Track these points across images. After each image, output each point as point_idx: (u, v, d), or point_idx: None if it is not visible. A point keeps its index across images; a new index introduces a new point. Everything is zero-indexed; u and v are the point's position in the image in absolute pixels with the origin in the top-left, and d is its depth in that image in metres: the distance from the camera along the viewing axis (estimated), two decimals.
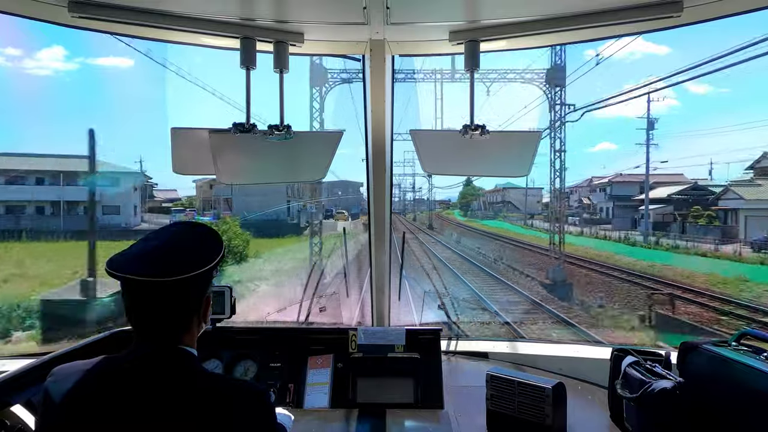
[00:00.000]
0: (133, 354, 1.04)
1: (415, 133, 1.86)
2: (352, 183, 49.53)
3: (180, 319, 1.08)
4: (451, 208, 67.38)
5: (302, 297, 3.05)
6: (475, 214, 55.33)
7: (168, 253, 1.06)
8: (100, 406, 0.98)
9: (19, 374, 1.57)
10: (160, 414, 0.97)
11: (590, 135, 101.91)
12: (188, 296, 1.08)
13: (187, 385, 1.03)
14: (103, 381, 1.02)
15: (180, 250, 1.07)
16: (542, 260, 19.78)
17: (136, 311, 1.05)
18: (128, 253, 1.05)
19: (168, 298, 1.05)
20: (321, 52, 1.98)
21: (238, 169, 1.86)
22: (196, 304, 1.10)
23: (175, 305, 1.06)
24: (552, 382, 1.69)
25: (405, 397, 1.95)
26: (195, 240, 1.12)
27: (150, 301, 1.04)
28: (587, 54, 77.79)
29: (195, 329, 1.12)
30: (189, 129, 1.83)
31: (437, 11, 1.61)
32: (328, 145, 1.88)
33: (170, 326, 1.07)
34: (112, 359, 1.06)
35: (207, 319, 1.17)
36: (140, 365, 1.03)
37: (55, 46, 47.95)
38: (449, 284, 15.29)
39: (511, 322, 11.46)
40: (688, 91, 27.16)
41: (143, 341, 1.05)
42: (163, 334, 1.06)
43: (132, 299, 1.04)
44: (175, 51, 61.99)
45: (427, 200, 58.89)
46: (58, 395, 1.00)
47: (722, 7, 1.51)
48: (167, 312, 1.06)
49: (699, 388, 1.60)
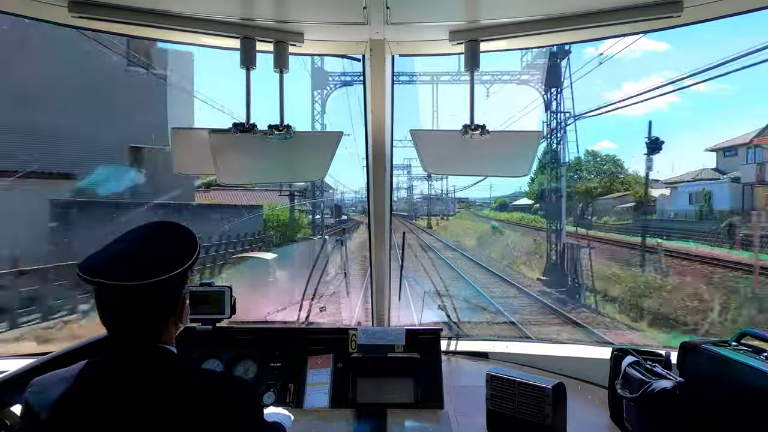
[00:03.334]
0: (110, 357, 1.03)
1: (415, 133, 1.86)
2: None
3: (155, 320, 1.06)
4: (476, 208, 55.94)
5: (302, 297, 3.05)
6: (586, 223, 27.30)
7: (141, 255, 1.03)
8: (82, 412, 0.98)
9: (19, 374, 1.57)
10: (143, 414, 0.97)
11: (589, 133, 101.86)
12: (163, 298, 1.06)
13: (166, 382, 1.02)
14: (84, 387, 1.01)
15: (153, 252, 1.05)
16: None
17: (110, 314, 1.03)
18: (100, 256, 1.03)
19: (142, 301, 1.02)
20: (321, 52, 1.98)
21: (238, 168, 1.86)
22: (172, 305, 1.09)
23: (150, 308, 1.04)
24: (552, 382, 1.69)
25: (405, 397, 1.95)
26: (169, 240, 1.09)
27: (124, 305, 1.02)
28: (587, 52, 77.82)
29: (172, 329, 1.11)
30: (189, 129, 1.84)
31: (437, 11, 1.61)
32: (327, 145, 1.88)
33: (145, 329, 1.05)
34: (90, 364, 1.05)
35: (184, 319, 1.15)
36: (119, 367, 1.02)
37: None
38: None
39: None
40: (689, 88, 27.69)
41: (118, 343, 1.04)
42: (139, 336, 1.04)
43: (105, 302, 1.02)
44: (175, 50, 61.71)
45: (444, 197, 46.95)
46: (40, 406, 0.99)
47: (722, 7, 1.51)
48: (142, 315, 1.04)
49: (699, 388, 1.60)
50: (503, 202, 55.32)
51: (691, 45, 73.44)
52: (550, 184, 17.95)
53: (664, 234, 20.88)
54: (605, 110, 19.55)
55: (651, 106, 78.77)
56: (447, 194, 48.21)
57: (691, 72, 13.47)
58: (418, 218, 46.16)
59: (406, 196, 50.60)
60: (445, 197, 48.08)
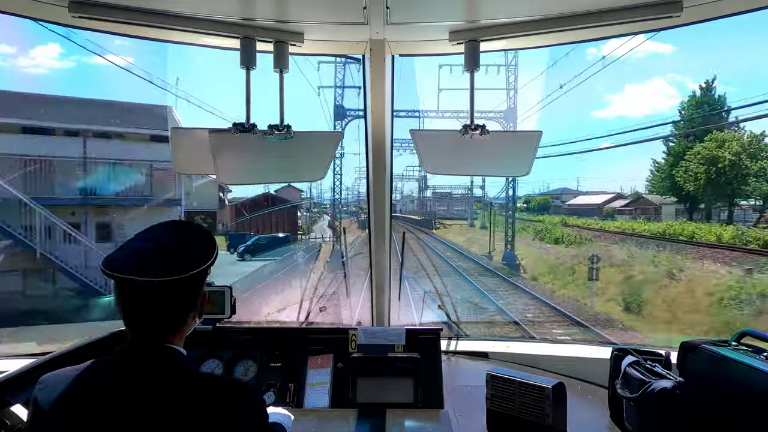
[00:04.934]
0: (122, 355, 1.05)
1: (415, 133, 1.86)
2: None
3: (178, 315, 1.10)
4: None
5: (302, 297, 3.05)
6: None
7: (165, 254, 1.06)
8: (89, 410, 0.99)
9: (19, 374, 1.57)
10: (150, 413, 0.98)
11: (591, 135, 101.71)
12: (187, 294, 1.11)
13: (176, 383, 1.03)
14: (92, 385, 1.02)
15: (176, 250, 1.08)
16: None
17: (136, 310, 1.06)
18: (124, 253, 1.05)
19: (168, 297, 1.07)
20: (321, 52, 1.97)
21: (237, 168, 1.86)
22: (193, 300, 1.13)
23: (175, 303, 1.09)
24: (552, 382, 1.69)
25: (405, 397, 1.95)
26: (190, 240, 1.13)
27: (151, 300, 1.05)
28: (589, 53, 77.70)
29: (191, 323, 1.16)
30: (189, 129, 1.83)
31: (437, 11, 1.61)
32: (327, 145, 1.88)
33: (168, 323, 1.09)
34: (100, 362, 1.06)
35: (202, 314, 1.19)
36: (129, 366, 1.03)
37: (50, 43, 47.38)
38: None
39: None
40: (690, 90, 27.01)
41: (138, 340, 1.06)
42: (160, 332, 1.07)
43: (130, 299, 1.05)
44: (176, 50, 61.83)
45: (465, 195, 34.59)
46: (47, 402, 1.01)
47: (722, 7, 1.51)
48: (167, 310, 1.08)
49: (699, 388, 1.60)
50: (544, 201, 40.24)
51: (693, 47, 72.92)
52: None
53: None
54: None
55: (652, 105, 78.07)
56: (471, 190, 34.52)
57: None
58: (439, 225, 31.00)
59: (417, 194, 39.69)
60: (464, 195, 34.76)
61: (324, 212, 38.30)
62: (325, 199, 36.35)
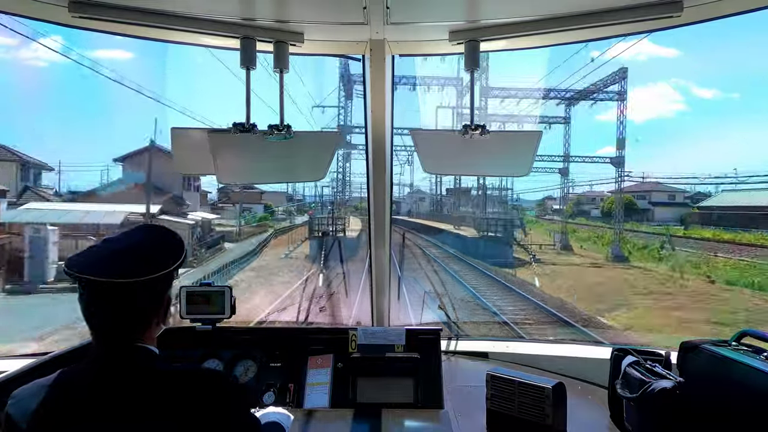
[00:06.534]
0: (98, 359, 1.04)
1: (415, 132, 1.86)
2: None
3: (140, 319, 1.08)
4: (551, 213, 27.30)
5: (302, 297, 3.05)
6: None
7: (129, 255, 1.06)
8: (70, 418, 0.98)
9: (19, 374, 1.57)
10: (127, 415, 0.97)
11: (593, 139, 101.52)
12: (149, 297, 1.09)
13: (155, 382, 1.03)
14: (70, 392, 1.01)
15: (141, 252, 1.08)
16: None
17: (96, 312, 1.05)
18: (88, 254, 1.05)
19: (129, 299, 1.05)
20: (321, 52, 1.97)
21: (237, 168, 1.86)
22: (157, 305, 1.11)
23: (136, 306, 1.07)
24: (552, 382, 1.69)
25: (405, 397, 1.95)
26: (156, 243, 1.13)
27: (111, 302, 1.03)
28: (592, 55, 77.53)
29: (154, 329, 1.13)
30: (189, 129, 1.83)
31: (437, 11, 1.61)
32: (327, 146, 1.88)
33: (130, 327, 1.07)
34: (72, 370, 1.05)
35: (166, 320, 1.17)
36: (101, 369, 1.03)
37: (52, 36, 47.05)
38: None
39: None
40: (696, 95, 26.26)
41: (102, 343, 1.05)
42: (123, 334, 1.06)
43: (91, 300, 1.04)
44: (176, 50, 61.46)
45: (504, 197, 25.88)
46: (21, 416, 0.99)
47: (722, 7, 1.51)
48: (128, 313, 1.06)
49: (699, 388, 1.60)
50: (628, 201, 28.82)
51: (696, 49, 72.24)
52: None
53: None
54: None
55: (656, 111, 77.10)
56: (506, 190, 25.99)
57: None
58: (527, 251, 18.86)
59: (432, 189, 31.25)
60: (501, 196, 24.86)
61: (306, 211, 37.31)
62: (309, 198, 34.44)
